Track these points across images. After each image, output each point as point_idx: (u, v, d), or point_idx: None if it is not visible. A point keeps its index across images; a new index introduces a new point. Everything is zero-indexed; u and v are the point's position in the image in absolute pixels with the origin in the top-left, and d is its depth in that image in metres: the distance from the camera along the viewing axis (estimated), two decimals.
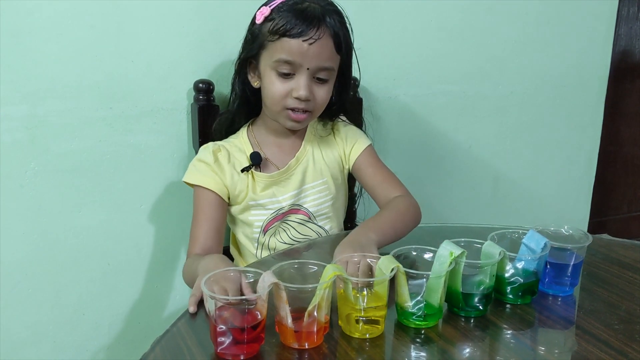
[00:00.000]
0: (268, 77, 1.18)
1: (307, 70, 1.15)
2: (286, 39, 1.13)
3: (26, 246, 1.33)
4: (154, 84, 1.37)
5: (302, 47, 1.12)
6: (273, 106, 1.20)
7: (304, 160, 1.29)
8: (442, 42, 1.71)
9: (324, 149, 1.31)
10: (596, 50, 1.98)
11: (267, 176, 1.25)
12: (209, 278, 0.83)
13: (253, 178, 1.25)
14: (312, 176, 1.29)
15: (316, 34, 1.12)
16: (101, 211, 1.38)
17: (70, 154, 1.32)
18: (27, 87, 1.25)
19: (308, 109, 1.19)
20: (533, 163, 2.00)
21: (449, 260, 0.87)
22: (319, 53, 1.14)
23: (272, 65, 1.16)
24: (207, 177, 1.23)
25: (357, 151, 1.32)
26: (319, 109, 1.23)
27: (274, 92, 1.17)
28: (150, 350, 0.82)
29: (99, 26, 1.29)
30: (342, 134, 1.33)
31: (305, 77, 1.15)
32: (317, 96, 1.18)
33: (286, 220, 1.28)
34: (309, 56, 1.13)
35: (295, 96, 1.16)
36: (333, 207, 1.31)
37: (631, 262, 1.12)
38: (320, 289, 0.80)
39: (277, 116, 1.21)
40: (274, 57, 1.15)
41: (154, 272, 1.48)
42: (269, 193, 1.26)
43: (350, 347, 0.84)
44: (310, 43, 1.12)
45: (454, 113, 1.80)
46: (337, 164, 1.32)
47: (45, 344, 1.40)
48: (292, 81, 1.16)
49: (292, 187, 1.27)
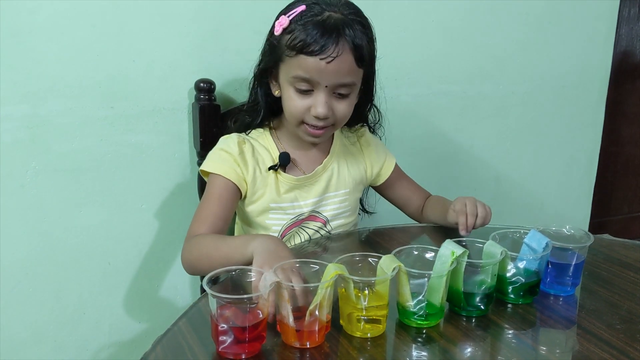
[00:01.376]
0: (286, 92, 1.15)
1: (326, 88, 1.11)
2: (303, 56, 1.08)
3: (27, 245, 1.33)
4: (155, 84, 1.37)
5: (319, 65, 1.07)
6: (292, 120, 1.17)
7: (330, 169, 1.27)
8: (444, 42, 1.71)
9: (350, 161, 1.30)
10: (597, 51, 1.98)
11: (293, 179, 1.22)
12: (281, 266, 0.85)
13: (277, 179, 1.22)
14: (336, 185, 1.27)
15: (334, 52, 1.07)
16: (102, 211, 1.38)
17: (71, 153, 1.32)
18: (28, 86, 1.25)
19: (327, 125, 1.16)
20: (534, 163, 2.00)
21: (451, 259, 0.87)
22: (338, 70, 1.09)
23: (289, 80, 1.12)
24: (229, 167, 1.18)
25: (389, 170, 1.35)
26: (340, 123, 1.19)
27: (292, 109, 1.14)
28: (152, 349, 0.82)
29: (100, 26, 1.29)
30: (369, 149, 1.33)
31: (323, 94, 1.11)
32: (336, 111, 1.14)
33: (304, 227, 1.26)
34: (327, 74, 1.09)
35: (313, 114, 1.13)
36: (348, 218, 1.31)
37: (632, 262, 1.12)
38: (322, 288, 0.80)
39: (296, 130, 1.19)
40: (291, 73, 1.11)
41: (155, 272, 1.48)
42: (291, 197, 1.23)
43: (352, 347, 0.84)
44: (328, 62, 1.07)
45: (455, 113, 1.80)
46: (360, 178, 1.31)
47: (46, 343, 1.40)
48: (311, 98, 1.12)
49: (315, 193, 1.25)
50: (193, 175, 1.44)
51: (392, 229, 1.28)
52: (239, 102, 1.44)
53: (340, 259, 0.88)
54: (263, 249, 0.95)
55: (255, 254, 0.95)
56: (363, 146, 1.33)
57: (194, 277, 1.51)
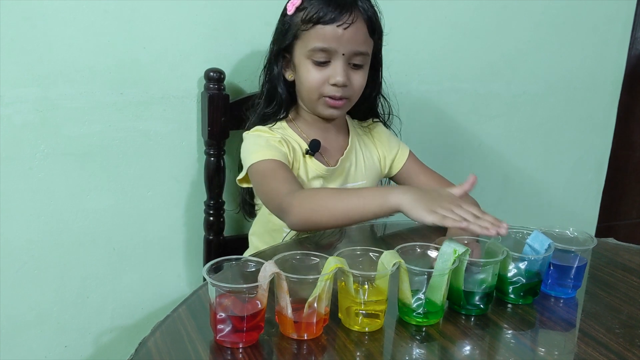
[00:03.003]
0: (304, 67, 1.18)
1: (343, 56, 1.16)
2: (320, 25, 1.14)
3: (33, 228, 1.34)
4: (165, 71, 1.37)
5: (336, 33, 1.14)
6: (310, 94, 1.20)
7: (350, 158, 1.29)
8: (455, 39, 1.70)
9: (366, 153, 1.33)
10: (611, 53, 1.96)
11: (323, 168, 1.24)
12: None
13: (306, 165, 1.24)
14: (354, 177, 1.30)
15: (349, 19, 1.13)
16: (108, 196, 1.39)
17: (79, 138, 1.33)
18: (39, 69, 1.26)
19: (345, 96, 1.20)
20: (543, 164, 1.99)
21: (453, 257, 0.87)
22: (354, 37, 1.15)
23: (307, 54, 1.17)
24: (275, 150, 1.17)
25: (402, 159, 1.35)
26: (356, 96, 1.23)
27: (311, 81, 1.18)
28: (151, 334, 0.83)
29: (113, 11, 1.29)
30: (381, 138, 1.35)
31: (341, 63, 1.16)
32: (353, 82, 1.19)
33: None
34: (344, 41, 1.14)
35: (332, 83, 1.17)
36: None
37: (636, 267, 1.11)
38: (322, 281, 0.81)
39: (315, 105, 1.22)
40: (309, 45, 1.16)
41: (159, 259, 1.49)
42: (317, 184, 1.25)
43: (349, 340, 0.84)
44: (345, 28, 1.13)
45: (465, 111, 1.79)
46: (375, 170, 1.33)
47: (49, 325, 1.41)
48: (329, 69, 1.17)
49: (336, 183, 1.27)
50: (200, 164, 1.45)
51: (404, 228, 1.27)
52: (248, 93, 1.44)
53: (340, 252, 0.88)
54: (416, 196, 0.93)
55: (404, 203, 0.93)
56: (375, 137, 1.36)
57: (197, 265, 1.52)
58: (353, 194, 1.04)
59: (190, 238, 1.51)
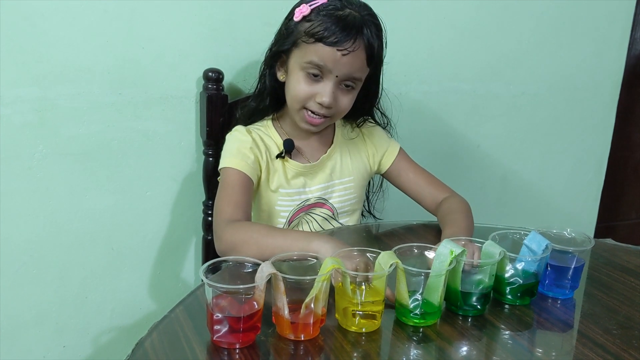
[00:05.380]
0: (295, 75, 1.18)
1: (336, 78, 1.15)
2: (321, 44, 1.12)
3: (32, 227, 1.34)
4: (164, 71, 1.37)
5: (335, 56, 1.12)
6: (294, 104, 1.20)
7: (334, 157, 1.30)
8: (455, 39, 1.70)
9: (352, 150, 1.33)
10: (610, 54, 1.96)
11: (300, 165, 1.26)
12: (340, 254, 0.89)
13: (284, 165, 1.25)
14: (340, 173, 1.30)
15: (352, 47, 1.12)
16: (107, 196, 1.39)
17: (78, 137, 1.33)
18: (38, 69, 1.26)
19: (327, 115, 1.19)
20: (542, 164, 1.99)
21: (449, 258, 0.87)
22: (351, 63, 1.14)
23: (301, 65, 1.16)
24: (242, 160, 1.20)
25: (391, 157, 1.34)
26: (339, 115, 1.23)
27: (298, 92, 1.18)
28: (147, 335, 0.83)
29: (112, 11, 1.29)
30: (371, 137, 1.35)
31: (332, 84, 1.16)
32: (339, 103, 1.19)
33: (310, 213, 1.29)
34: (340, 65, 1.14)
35: (318, 101, 1.16)
36: (354, 205, 1.33)
37: (634, 268, 1.11)
38: (319, 282, 0.81)
39: (295, 114, 1.22)
40: (306, 58, 1.15)
41: (158, 259, 1.49)
42: (299, 183, 1.26)
43: (346, 341, 0.84)
44: (344, 54, 1.12)
45: (464, 111, 1.79)
46: (363, 166, 1.34)
47: (48, 325, 1.41)
48: (318, 85, 1.16)
49: (320, 180, 1.28)
50: (199, 164, 1.45)
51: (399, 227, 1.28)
52: (246, 93, 1.44)
53: (338, 253, 0.89)
54: (336, 248, 0.95)
55: (322, 251, 0.96)
56: (365, 135, 1.36)
57: (195, 265, 1.52)
58: (281, 234, 1.07)
59: (189, 238, 1.51)
